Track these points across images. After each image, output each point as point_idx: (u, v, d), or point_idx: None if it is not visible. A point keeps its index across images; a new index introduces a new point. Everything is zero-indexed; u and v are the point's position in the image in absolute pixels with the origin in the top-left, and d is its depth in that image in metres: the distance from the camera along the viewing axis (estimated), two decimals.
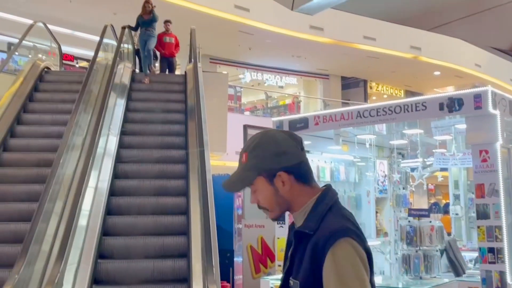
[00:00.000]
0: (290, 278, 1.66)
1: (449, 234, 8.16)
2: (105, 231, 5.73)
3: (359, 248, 1.53)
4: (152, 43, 10.19)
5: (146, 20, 10.09)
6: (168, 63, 11.29)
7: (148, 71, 9.96)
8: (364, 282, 1.50)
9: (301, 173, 1.69)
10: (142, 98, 8.97)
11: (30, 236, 4.72)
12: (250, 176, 1.69)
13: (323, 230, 1.57)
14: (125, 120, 7.90)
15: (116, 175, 6.68)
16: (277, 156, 1.67)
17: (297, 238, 1.66)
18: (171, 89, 9.57)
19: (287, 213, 1.75)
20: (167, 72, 11.14)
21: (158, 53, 11.25)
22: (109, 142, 6.95)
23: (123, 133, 7.53)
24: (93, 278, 5.06)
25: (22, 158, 6.92)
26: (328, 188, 1.72)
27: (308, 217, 1.66)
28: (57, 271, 4.13)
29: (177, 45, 11.25)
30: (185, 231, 5.83)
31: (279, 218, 1.76)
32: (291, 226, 1.79)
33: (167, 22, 11.12)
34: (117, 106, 7.85)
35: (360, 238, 1.55)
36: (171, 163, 7.12)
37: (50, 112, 8.13)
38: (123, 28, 9.70)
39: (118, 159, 6.91)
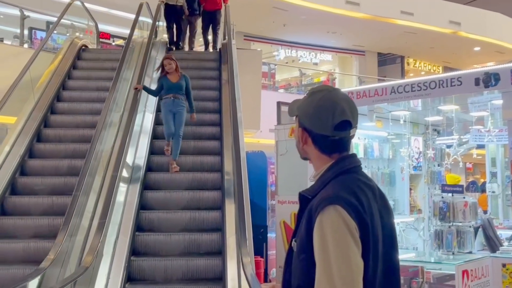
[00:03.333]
0: (293, 239, 1.72)
1: (485, 212, 8.07)
2: None
3: (347, 217, 1.54)
4: (182, 122, 6.77)
5: (173, 84, 6.81)
6: (211, 19, 10.06)
7: (172, 156, 6.69)
8: (345, 248, 1.51)
9: (322, 144, 1.73)
10: None
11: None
12: (295, 110, 1.81)
13: (319, 196, 1.62)
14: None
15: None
16: (309, 115, 1.74)
17: (300, 201, 1.73)
18: (204, 68, 9.42)
19: None
20: (210, 30, 10.15)
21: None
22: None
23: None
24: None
25: (62, 134, 7.18)
26: (345, 157, 1.74)
27: (316, 181, 1.73)
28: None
29: None
30: (219, 207, 5.99)
31: (306, 159, 1.84)
32: None
33: None
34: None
35: (352, 207, 1.56)
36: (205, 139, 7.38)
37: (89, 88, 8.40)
38: (136, 89, 6.88)
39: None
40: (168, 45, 10.00)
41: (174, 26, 9.94)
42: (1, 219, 5.71)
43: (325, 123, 1.70)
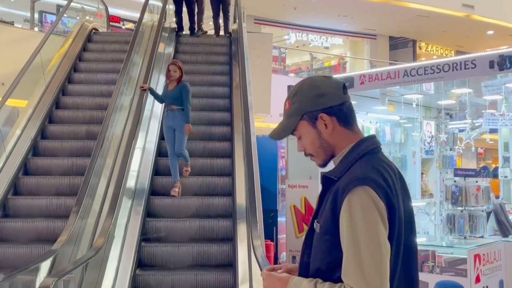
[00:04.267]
0: (315, 220, 1.69)
1: (497, 197, 8.00)
2: None
3: (376, 198, 1.51)
4: (182, 140, 6.01)
5: (168, 93, 6.16)
6: (221, 1, 9.72)
7: (178, 178, 6.06)
8: (375, 229, 1.48)
9: (343, 115, 1.70)
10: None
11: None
12: (293, 121, 1.72)
13: (345, 177, 1.58)
14: None
15: None
16: (317, 98, 1.69)
17: (324, 182, 1.70)
18: (215, 54, 9.28)
19: None
20: (220, 13, 9.74)
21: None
22: None
23: None
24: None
25: (72, 115, 7.27)
26: (367, 138, 1.72)
27: (339, 163, 1.69)
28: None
29: None
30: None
31: (326, 164, 1.76)
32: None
33: None
34: None
35: (381, 188, 1.53)
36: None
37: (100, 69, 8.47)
38: (142, 88, 6.35)
39: None
40: (176, 30, 9.76)
41: (183, 10, 9.78)
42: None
43: (331, 92, 1.69)
